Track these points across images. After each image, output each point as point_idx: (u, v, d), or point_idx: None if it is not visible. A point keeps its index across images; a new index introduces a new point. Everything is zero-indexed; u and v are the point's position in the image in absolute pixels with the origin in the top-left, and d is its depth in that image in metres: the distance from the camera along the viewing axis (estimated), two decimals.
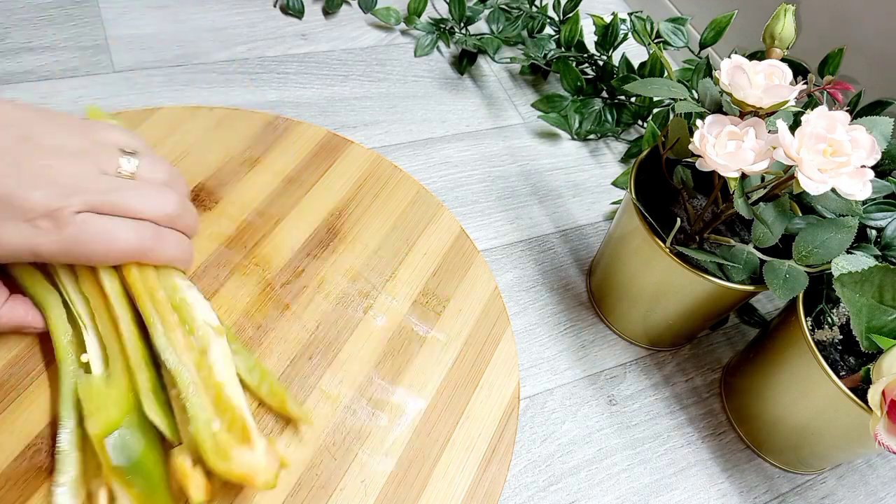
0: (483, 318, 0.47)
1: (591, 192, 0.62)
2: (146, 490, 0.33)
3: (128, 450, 0.33)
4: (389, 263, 0.48)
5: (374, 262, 0.48)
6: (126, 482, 0.33)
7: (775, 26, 0.42)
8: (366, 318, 0.45)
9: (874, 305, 0.37)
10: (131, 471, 0.33)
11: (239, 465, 0.33)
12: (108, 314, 0.37)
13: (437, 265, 0.49)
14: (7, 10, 0.60)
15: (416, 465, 0.40)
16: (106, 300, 0.37)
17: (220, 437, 0.33)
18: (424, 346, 0.45)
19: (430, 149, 0.61)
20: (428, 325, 0.46)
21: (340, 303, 0.46)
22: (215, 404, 0.35)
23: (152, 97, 0.57)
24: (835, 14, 0.61)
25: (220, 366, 0.36)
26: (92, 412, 0.34)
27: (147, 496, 0.33)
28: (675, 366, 0.52)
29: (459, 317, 0.47)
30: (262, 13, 0.67)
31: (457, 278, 0.49)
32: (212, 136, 0.52)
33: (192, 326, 0.37)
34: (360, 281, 0.47)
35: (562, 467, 0.45)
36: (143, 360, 0.36)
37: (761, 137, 0.37)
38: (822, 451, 0.45)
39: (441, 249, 0.50)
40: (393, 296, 0.47)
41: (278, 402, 0.39)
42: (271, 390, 0.39)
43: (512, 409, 0.44)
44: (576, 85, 0.65)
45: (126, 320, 0.37)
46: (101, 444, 0.33)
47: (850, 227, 0.40)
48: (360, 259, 0.48)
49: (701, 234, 0.45)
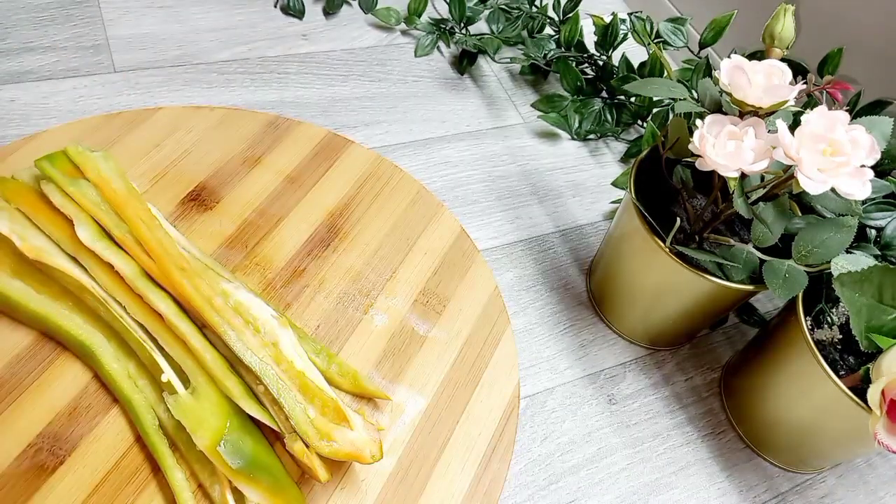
0: (483, 318, 0.47)
1: (591, 191, 0.62)
2: (272, 482, 0.35)
3: (240, 451, 0.35)
4: (390, 263, 0.49)
5: (375, 262, 0.48)
6: (251, 480, 0.34)
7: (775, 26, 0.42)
8: (366, 317, 0.45)
9: (874, 305, 0.37)
10: (251, 468, 0.34)
11: (344, 445, 0.35)
12: (169, 334, 0.38)
13: (438, 265, 0.49)
14: (7, 9, 0.60)
15: (417, 465, 0.40)
16: (164, 321, 0.38)
17: (318, 422, 0.35)
18: (424, 346, 0.45)
19: (431, 149, 0.61)
20: (428, 324, 0.46)
21: (341, 302, 0.46)
22: (303, 392, 0.36)
23: (153, 97, 0.57)
24: (835, 14, 0.61)
25: (293, 355, 0.37)
26: (195, 428, 0.34)
27: (275, 487, 0.35)
28: (674, 365, 0.52)
29: (459, 316, 0.47)
30: (262, 13, 0.67)
31: (457, 278, 0.49)
32: (212, 135, 0.52)
33: (257, 325, 0.38)
34: (360, 280, 0.47)
35: (562, 466, 0.45)
36: (226, 368, 0.37)
37: (761, 137, 0.37)
38: (821, 451, 0.45)
39: (441, 249, 0.50)
40: (393, 295, 0.47)
41: (350, 380, 0.41)
42: (341, 370, 0.41)
43: (512, 409, 0.44)
44: (576, 85, 0.65)
45: (194, 335, 0.38)
46: (217, 454, 0.34)
47: (849, 227, 0.40)
48: (360, 259, 0.48)
49: (701, 233, 0.45)
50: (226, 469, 0.34)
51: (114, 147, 0.49)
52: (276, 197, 0.50)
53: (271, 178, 0.51)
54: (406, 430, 0.41)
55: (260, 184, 0.50)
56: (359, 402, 0.42)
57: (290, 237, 0.48)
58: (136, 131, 0.51)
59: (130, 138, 0.50)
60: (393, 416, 0.42)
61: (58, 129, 0.50)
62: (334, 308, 0.45)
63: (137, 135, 0.51)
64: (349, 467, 0.39)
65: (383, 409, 0.42)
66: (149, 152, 0.50)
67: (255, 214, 0.48)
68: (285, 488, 0.35)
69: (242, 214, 0.48)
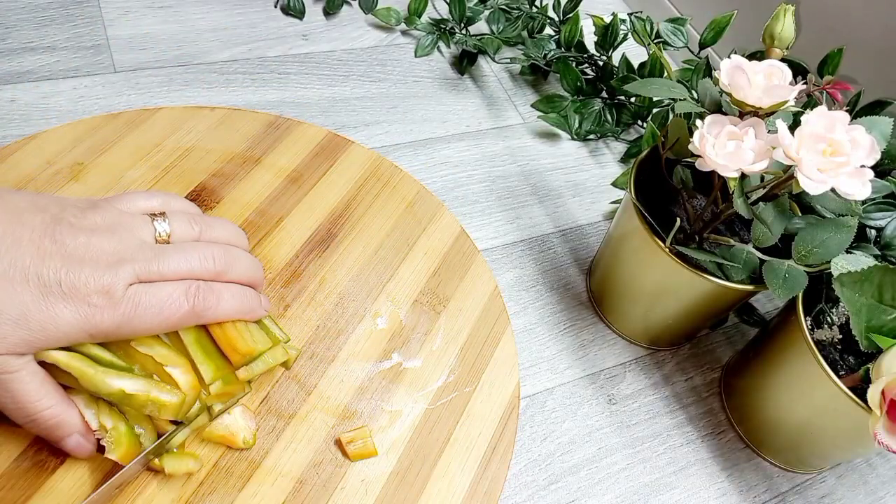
0: (483, 318, 0.47)
1: (591, 192, 0.62)
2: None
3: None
4: (390, 263, 0.49)
5: (375, 262, 0.48)
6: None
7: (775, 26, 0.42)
8: (366, 317, 0.46)
9: (873, 305, 0.37)
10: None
11: (218, 428, 0.38)
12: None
13: (438, 265, 0.49)
14: (7, 9, 0.60)
15: (417, 465, 0.40)
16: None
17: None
18: (424, 346, 0.45)
19: (431, 149, 0.61)
20: (428, 324, 0.46)
21: (341, 302, 0.46)
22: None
23: (153, 97, 0.57)
24: (835, 14, 0.61)
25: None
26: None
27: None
28: (674, 365, 0.52)
29: (460, 316, 0.47)
30: (262, 13, 0.67)
31: (457, 278, 0.49)
32: (213, 135, 0.52)
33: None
34: (360, 280, 0.47)
35: (562, 466, 0.45)
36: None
37: (761, 137, 0.37)
38: (821, 451, 0.45)
39: (441, 249, 0.50)
40: (393, 295, 0.47)
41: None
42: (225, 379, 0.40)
43: (512, 409, 0.44)
44: (576, 85, 0.65)
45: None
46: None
47: (849, 227, 0.40)
48: (360, 259, 0.48)
49: (700, 233, 0.45)
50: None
51: (114, 147, 0.49)
52: (276, 197, 0.50)
53: (271, 179, 0.51)
54: (406, 430, 0.41)
55: (260, 184, 0.50)
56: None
57: (290, 237, 0.48)
58: (136, 131, 0.51)
59: (130, 138, 0.50)
60: (393, 416, 0.42)
61: (58, 129, 0.50)
62: (334, 308, 0.45)
63: (137, 135, 0.51)
64: (350, 466, 0.39)
65: (384, 409, 0.42)
66: (149, 152, 0.50)
67: (256, 214, 0.48)
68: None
69: (242, 214, 0.48)
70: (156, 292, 0.34)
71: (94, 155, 0.49)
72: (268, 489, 0.38)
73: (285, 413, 0.40)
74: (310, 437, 0.40)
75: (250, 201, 0.49)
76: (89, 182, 0.47)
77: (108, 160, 0.49)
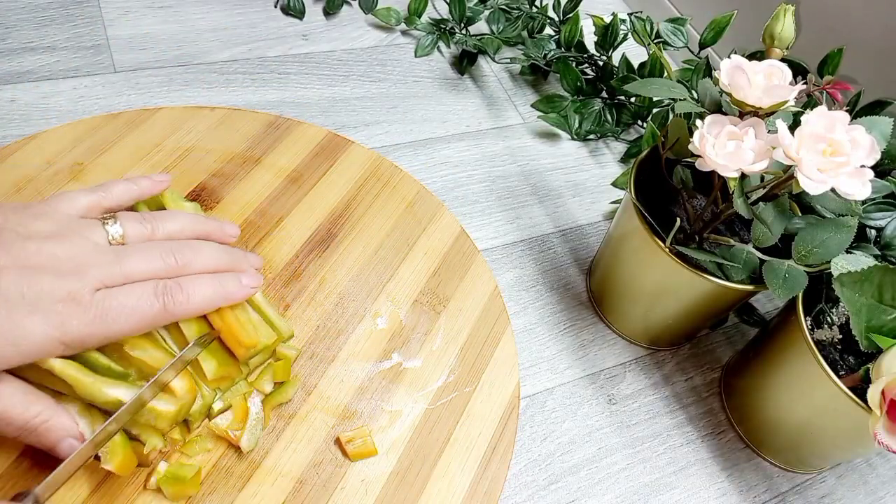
0: (483, 318, 0.47)
1: (591, 192, 0.62)
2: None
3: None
4: (390, 263, 0.49)
5: (375, 262, 0.48)
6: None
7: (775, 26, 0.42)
8: (366, 317, 0.46)
9: (873, 305, 0.37)
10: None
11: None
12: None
13: (438, 265, 0.49)
14: (7, 9, 0.60)
15: (417, 465, 0.40)
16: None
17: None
18: (424, 346, 0.45)
19: (431, 149, 0.61)
20: (428, 324, 0.46)
21: (341, 302, 0.46)
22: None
23: (153, 97, 0.57)
24: (835, 14, 0.61)
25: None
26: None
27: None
28: (674, 365, 0.52)
29: (460, 316, 0.47)
30: (262, 13, 0.67)
31: (457, 278, 0.49)
32: (213, 135, 0.52)
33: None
34: (360, 280, 0.47)
35: (562, 466, 0.45)
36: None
37: (761, 137, 0.37)
38: (821, 451, 0.45)
39: (441, 249, 0.50)
40: (393, 295, 0.47)
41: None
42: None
43: (512, 409, 0.44)
44: (576, 85, 0.65)
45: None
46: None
47: (849, 227, 0.40)
48: (360, 259, 0.48)
49: (700, 233, 0.45)
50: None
51: (114, 147, 0.49)
52: (276, 197, 0.50)
53: (271, 179, 0.51)
54: (406, 429, 0.41)
55: (260, 184, 0.50)
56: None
57: (290, 237, 0.48)
58: (136, 131, 0.51)
59: (130, 138, 0.50)
60: (393, 416, 0.42)
61: (58, 129, 0.50)
62: (334, 308, 0.45)
63: (137, 135, 0.51)
64: (350, 466, 0.39)
65: (384, 409, 0.42)
66: (149, 152, 0.50)
67: (256, 214, 0.48)
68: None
69: (243, 214, 0.48)
70: (124, 295, 0.33)
71: (94, 155, 0.49)
72: (268, 489, 0.38)
73: (285, 413, 0.40)
74: (310, 437, 0.40)
75: (250, 201, 0.49)
76: (89, 182, 0.47)
77: (108, 160, 0.49)
